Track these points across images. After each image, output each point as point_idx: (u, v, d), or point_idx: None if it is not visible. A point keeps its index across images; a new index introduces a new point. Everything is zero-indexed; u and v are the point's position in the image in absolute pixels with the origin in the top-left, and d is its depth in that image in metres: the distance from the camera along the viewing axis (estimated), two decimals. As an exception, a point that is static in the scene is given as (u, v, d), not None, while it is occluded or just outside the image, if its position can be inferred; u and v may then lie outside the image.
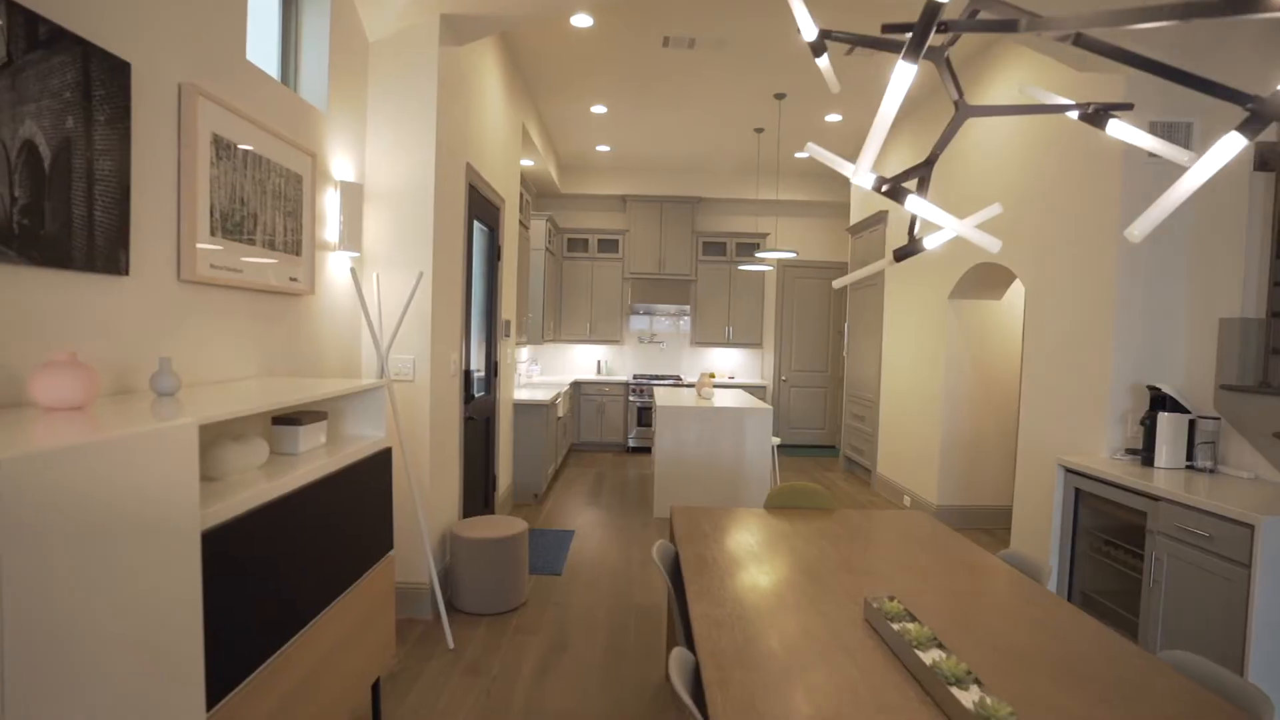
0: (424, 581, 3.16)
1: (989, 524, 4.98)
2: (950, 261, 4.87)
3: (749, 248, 8.16)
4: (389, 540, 2.28)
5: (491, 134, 4.23)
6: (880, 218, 6.18)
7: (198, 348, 1.91)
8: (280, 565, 1.57)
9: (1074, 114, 1.63)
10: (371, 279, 3.08)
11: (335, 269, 2.82)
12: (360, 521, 2.03)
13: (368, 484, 2.09)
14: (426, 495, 3.15)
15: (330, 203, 2.75)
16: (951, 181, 4.91)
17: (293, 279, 2.40)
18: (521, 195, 5.61)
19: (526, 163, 6.38)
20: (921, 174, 1.67)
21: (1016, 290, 5.01)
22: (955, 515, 4.94)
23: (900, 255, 1.98)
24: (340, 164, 2.82)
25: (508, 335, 4.94)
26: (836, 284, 1.98)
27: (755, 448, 5.07)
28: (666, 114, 5.94)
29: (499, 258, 4.57)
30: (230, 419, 1.37)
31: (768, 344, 8.40)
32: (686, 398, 5.57)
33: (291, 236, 2.39)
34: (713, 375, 5.66)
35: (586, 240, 8.10)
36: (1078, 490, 3.20)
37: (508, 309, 4.93)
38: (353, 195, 2.86)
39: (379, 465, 2.18)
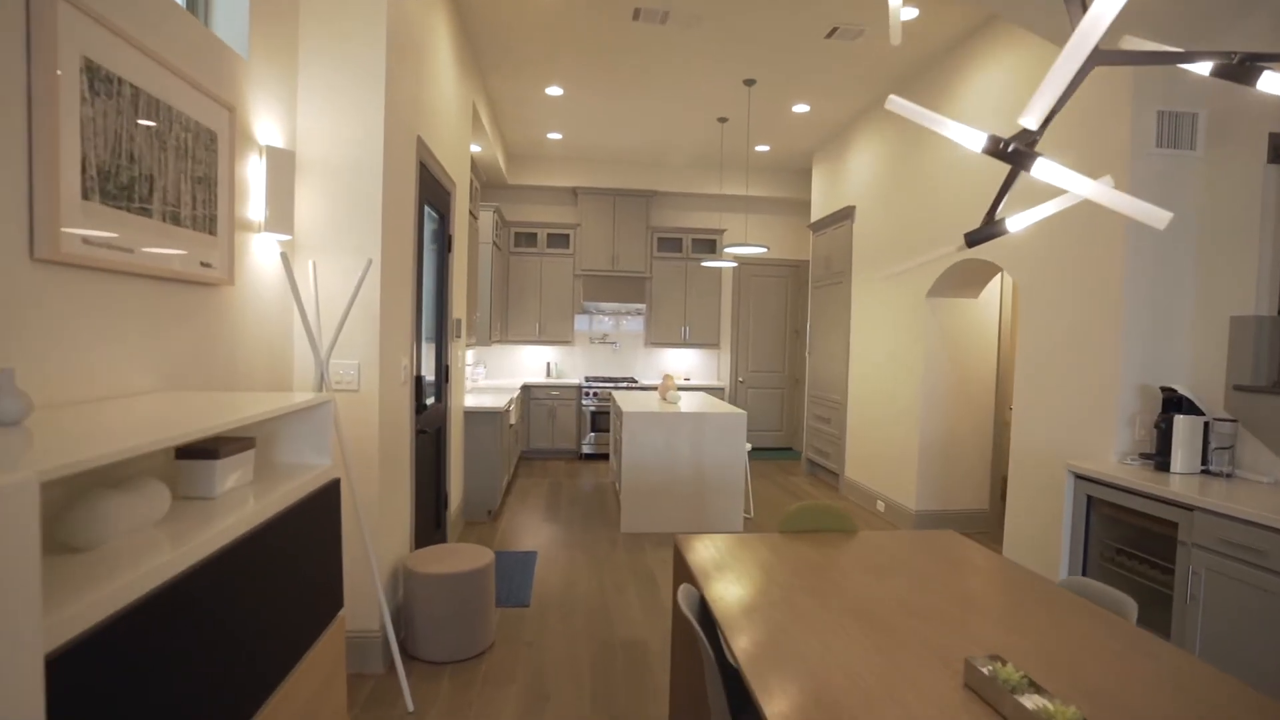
0: (374, 629, 2.65)
1: (967, 528, 4.84)
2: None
3: (705, 244, 7.87)
4: (339, 597, 1.79)
5: (443, 108, 3.73)
6: (846, 213, 6.00)
7: (66, 354, 1.39)
8: (190, 671, 1.09)
9: (1203, 69, 1.36)
10: (306, 268, 2.55)
11: (261, 254, 2.29)
12: (303, 580, 1.55)
13: (313, 528, 1.61)
14: (376, 526, 2.64)
15: (254, 172, 2.22)
16: (936, 171, 4.74)
17: (205, 265, 1.88)
18: (472, 182, 5.09)
19: (474, 148, 5.85)
20: (1032, 138, 1.36)
21: (991, 289, 4.90)
22: (933, 520, 4.77)
23: (974, 239, 1.68)
24: (266, 126, 2.29)
25: (458, 336, 4.43)
26: (885, 275, 1.66)
27: (728, 454, 4.75)
28: (628, 98, 5.55)
29: (450, 249, 4.07)
30: (106, 463, 0.89)
31: (724, 344, 8.14)
32: (649, 402, 5.20)
33: (204, 210, 1.86)
34: (671, 377, 5.32)
35: (535, 234, 7.61)
36: (1089, 497, 3.02)
37: (459, 307, 4.42)
38: (282, 164, 2.33)
39: (326, 502, 1.69)
